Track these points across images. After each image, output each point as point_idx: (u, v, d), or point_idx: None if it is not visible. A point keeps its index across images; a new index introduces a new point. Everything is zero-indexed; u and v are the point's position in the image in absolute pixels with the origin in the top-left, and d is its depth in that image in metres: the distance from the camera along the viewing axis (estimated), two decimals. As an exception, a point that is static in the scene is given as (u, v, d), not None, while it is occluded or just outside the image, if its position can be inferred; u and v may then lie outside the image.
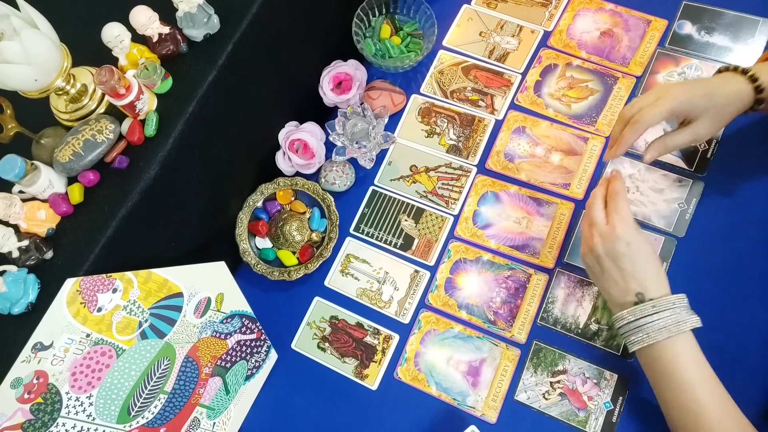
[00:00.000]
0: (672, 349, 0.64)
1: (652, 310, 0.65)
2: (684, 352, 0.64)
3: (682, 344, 0.65)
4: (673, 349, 0.64)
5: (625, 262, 0.67)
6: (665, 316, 0.65)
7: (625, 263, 0.67)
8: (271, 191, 0.91)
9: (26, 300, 0.65)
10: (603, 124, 0.88)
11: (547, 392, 0.76)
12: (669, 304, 0.65)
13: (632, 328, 0.66)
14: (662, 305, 0.65)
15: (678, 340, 0.64)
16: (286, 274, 0.86)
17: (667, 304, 0.65)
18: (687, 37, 0.91)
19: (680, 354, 0.64)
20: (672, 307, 0.65)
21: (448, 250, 0.85)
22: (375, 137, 0.90)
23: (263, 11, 0.78)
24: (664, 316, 0.65)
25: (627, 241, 0.67)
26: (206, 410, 0.76)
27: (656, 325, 0.65)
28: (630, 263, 0.67)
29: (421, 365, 0.80)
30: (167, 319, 0.70)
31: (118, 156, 0.71)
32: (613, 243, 0.68)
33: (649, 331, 0.65)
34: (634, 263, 0.67)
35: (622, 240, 0.67)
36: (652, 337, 0.65)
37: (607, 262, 0.69)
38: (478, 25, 0.98)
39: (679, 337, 0.64)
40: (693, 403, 0.63)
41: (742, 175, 0.81)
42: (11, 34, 0.62)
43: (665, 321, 0.64)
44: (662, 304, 0.65)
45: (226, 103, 0.77)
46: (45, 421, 0.62)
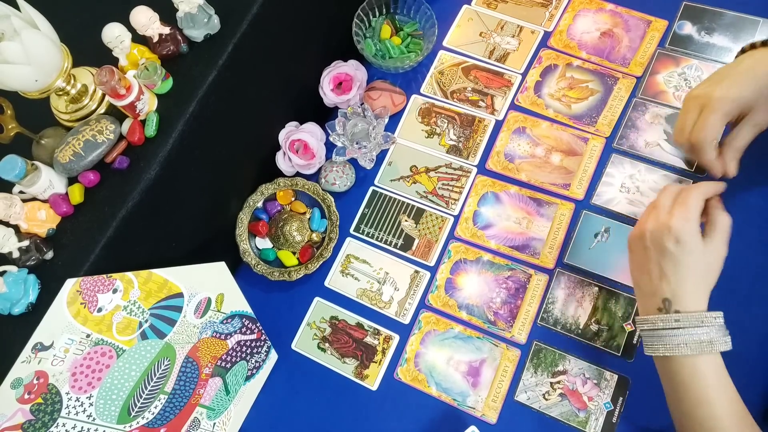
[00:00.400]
0: (692, 368, 0.60)
1: (675, 324, 0.60)
2: (705, 372, 0.59)
3: (705, 364, 0.59)
4: (693, 367, 0.60)
5: (666, 261, 0.61)
6: (689, 333, 0.59)
7: (666, 261, 0.61)
8: (271, 191, 0.91)
9: (26, 300, 0.65)
10: (603, 124, 0.88)
11: (547, 393, 0.76)
12: (696, 321, 0.60)
13: (651, 336, 0.62)
14: (687, 321, 0.60)
15: (700, 360, 0.59)
16: (286, 274, 0.86)
17: (693, 321, 0.60)
18: (687, 37, 0.91)
19: (700, 373, 0.59)
20: (699, 325, 0.59)
21: (448, 251, 0.85)
22: (375, 137, 0.90)
23: (263, 11, 0.78)
24: (688, 332, 0.59)
25: (677, 238, 0.61)
26: (206, 410, 0.76)
27: (676, 339, 0.60)
28: (671, 264, 0.61)
29: (421, 366, 0.80)
30: (167, 319, 0.70)
31: (119, 156, 0.71)
32: (663, 235, 0.61)
33: (668, 344, 0.60)
34: (676, 265, 0.61)
35: (672, 235, 0.61)
36: (671, 350, 0.60)
37: (651, 253, 0.62)
38: (479, 25, 0.98)
39: (703, 356, 0.59)
40: (709, 419, 0.59)
41: (742, 175, 0.81)
42: (11, 35, 0.62)
43: (687, 338, 0.59)
44: (688, 319, 0.60)
45: (227, 103, 0.77)
46: (45, 421, 0.62)
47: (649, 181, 0.83)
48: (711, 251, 0.62)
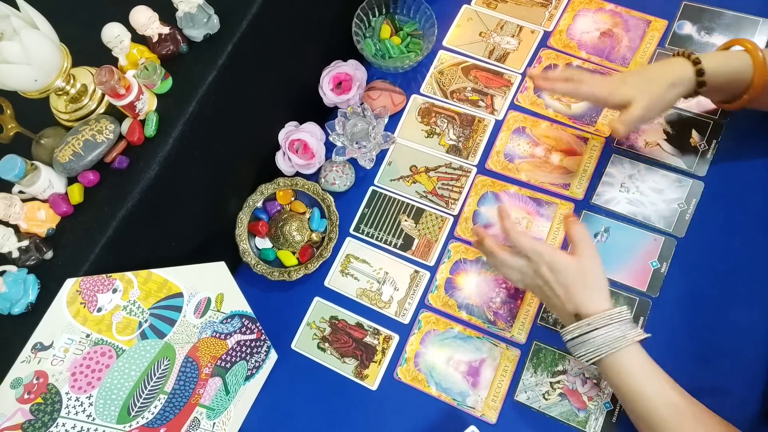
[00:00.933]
0: (616, 365, 0.65)
1: (587, 327, 0.66)
2: (629, 365, 0.64)
3: (627, 358, 0.64)
4: (617, 365, 0.65)
5: (555, 286, 0.68)
6: (603, 332, 0.65)
7: (556, 287, 0.68)
8: (271, 191, 0.91)
9: (26, 300, 0.65)
10: (603, 124, 0.88)
11: (547, 392, 0.76)
12: (604, 320, 0.65)
13: (575, 344, 0.67)
14: (597, 322, 0.65)
15: (621, 355, 0.64)
16: (286, 274, 0.86)
17: (602, 320, 0.65)
18: (687, 37, 0.91)
19: (625, 367, 0.64)
20: (609, 323, 0.65)
21: (448, 251, 0.85)
22: (375, 137, 0.90)
23: (263, 11, 0.78)
24: (601, 332, 0.65)
25: (548, 267, 0.68)
26: (206, 410, 0.76)
27: (595, 342, 0.65)
28: (560, 286, 0.68)
29: (421, 365, 0.80)
30: (167, 319, 0.70)
31: (118, 156, 0.71)
32: (540, 272, 0.69)
33: (589, 347, 0.66)
34: (564, 285, 0.68)
35: (543, 267, 0.68)
36: (594, 352, 0.65)
37: (545, 288, 0.69)
38: (478, 25, 0.98)
39: (623, 351, 0.64)
40: (647, 412, 0.63)
41: (742, 175, 0.81)
42: (11, 34, 0.62)
43: (603, 338, 0.65)
44: (596, 320, 0.65)
45: (226, 103, 0.77)
46: (45, 421, 0.62)
47: (649, 181, 0.83)
48: (583, 260, 0.68)
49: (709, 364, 0.73)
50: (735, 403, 0.65)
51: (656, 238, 0.80)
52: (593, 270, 0.68)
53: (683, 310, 0.76)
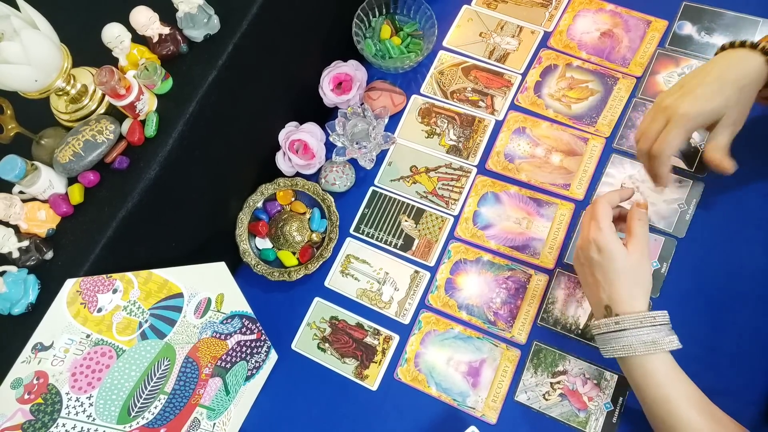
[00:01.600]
0: (642, 368, 0.63)
1: (616, 326, 0.64)
2: (654, 372, 0.62)
3: (652, 364, 0.63)
4: (642, 368, 0.63)
5: (596, 270, 0.67)
6: (632, 334, 0.63)
7: (597, 271, 0.67)
8: (271, 192, 0.91)
9: (26, 300, 0.65)
10: (603, 124, 0.88)
11: (548, 393, 0.76)
12: (635, 323, 0.63)
13: (602, 339, 0.67)
14: (627, 322, 0.63)
15: (648, 360, 0.63)
16: (286, 274, 0.86)
17: (633, 322, 0.63)
18: (687, 37, 0.91)
19: (650, 373, 0.63)
20: (639, 326, 0.63)
21: (448, 251, 0.85)
22: (375, 138, 0.90)
23: (263, 11, 0.78)
24: (630, 334, 0.63)
25: (598, 247, 0.66)
26: (206, 411, 0.76)
27: (622, 342, 0.64)
28: (601, 272, 0.66)
29: (421, 366, 0.80)
30: (167, 319, 0.70)
31: (119, 156, 0.71)
32: (587, 248, 0.67)
33: (615, 345, 0.64)
34: (605, 272, 0.66)
35: (593, 245, 0.66)
36: (619, 351, 0.64)
37: (585, 267, 0.69)
38: (478, 25, 0.98)
39: (651, 356, 0.63)
40: (668, 416, 0.62)
41: (742, 175, 0.81)
42: (11, 35, 0.62)
43: (632, 339, 0.63)
44: (626, 320, 0.64)
45: (226, 103, 0.77)
46: (45, 421, 0.62)
47: (649, 181, 0.83)
48: (633, 256, 0.65)
49: (709, 364, 0.73)
50: (736, 403, 0.65)
51: (656, 238, 0.80)
52: (641, 268, 0.66)
53: (683, 310, 0.76)
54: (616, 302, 0.65)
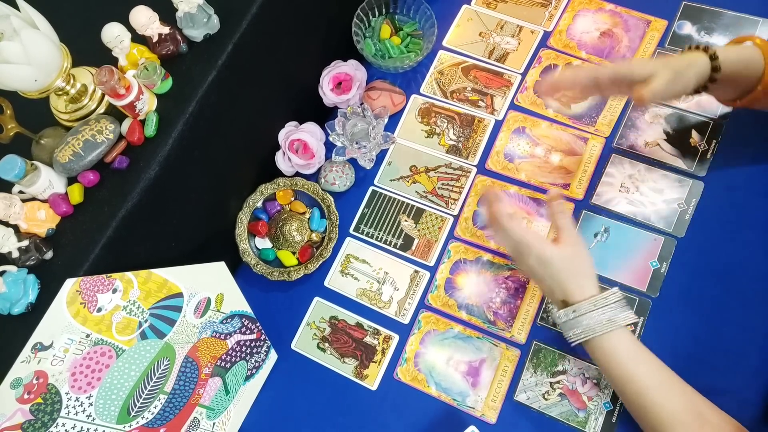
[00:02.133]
0: (602, 348, 0.67)
1: (573, 315, 0.68)
2: (615, 349, 0.66)
3: (611, 342, 0.66)
4: (603, 348, 0.67)
5: (542, 275, 0.70)
6: (589, 317, 0.67)
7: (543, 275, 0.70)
8: (270, 191, 0.91)
9: (26, 300, 0.65)
10: (603, 124, 0.88)
11: (547, 392, 0.76)
12: (589, 306, 0.67)
13: (564, 327, 0.70)
14: (582, 309, 0.67)
15: (607, 338, 0.66)
16: (285, 274, 0.86)
17: (586, 307, 0.67)
18: (687, 37, 0.91)
19: (611, 351, 0.66)
20: (593, 308, 0.67)
21: (447, 251, 0.85)
22: (375, 137, 0.90)
23: (263, 11, 0.78)
24: (587, 317, 0.67)
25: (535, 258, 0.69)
26: (206, 410, 0.76)
27: (583, 324, 0.67)
28: (547, 275, 0.69)
29: (420, 365, 0.80)
30: (167, 319, 0.70)
31: (118, 156, 0.71)
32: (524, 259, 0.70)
33: (576, 329, 0.68)
34: (551, 275, 0.69)
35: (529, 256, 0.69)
36: (580, 335, 0.67)
37: (533, 275, 0.72)
38: (478, 25, 0.98)
39: (610, 334, 0.66)
40: (636, 394, 0.65)
41: (742, 175, 0.81)
42: (11, 34, 0.62)
43: (589, 321, 0.66)
44: (582, 308, 0.67)
45: (226, 103, 0.77)
46: (45, 421, 0.62)
47: (649, 181, 0.83)
48: (568, 249, 0.69)
49: (709, 364, 0.73)
50: (735, 403, 0.65)
51: (656, 238, 0.80)
52: (579, 257, 0.70)
53: (683, 310, 0.76)
54: (569, 295, 0.68)
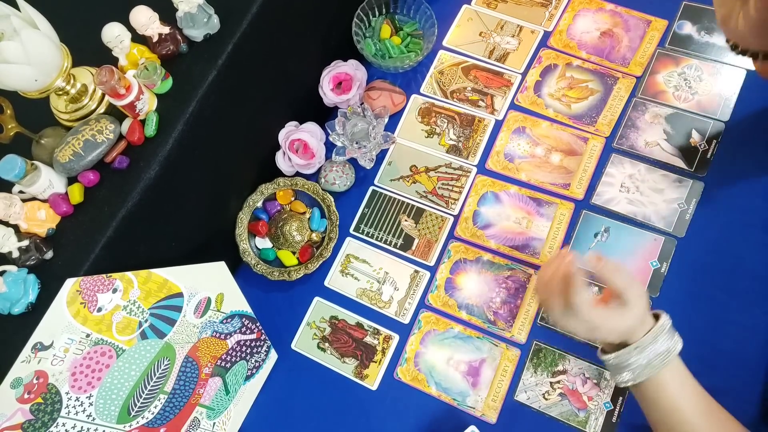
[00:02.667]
0: (656, 384, 0.62)
1: (636, 352, 0.62)
2: (668, 383, 0.62)
3: (664, 376, 0.62)
4: (656, 383, 0.62)
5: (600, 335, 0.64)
6: (649, 351, 0.62)
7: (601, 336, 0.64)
8: (271, 191, 0.91)
9: (26, 300, 0.65)
10: (603, 124, 0.88)
11: (547, 392, 0.76)
12: (651, 339, 0.62)
13: (618, 369, 0.64)
14: (646, 342, 0.62)
15: (661, 373, 0.62)
16: (286, 274, 0.86)
17: (649, 340, 0.62)
18: (687, 37, 0.91)
19: (663, 385, 0.62)
20: (654, 341, 0.62)
21: (448, 251, 0.85)
22: (375, 137, 0.90)
23: (263, 11, 0.78)
24: (648, 351, 0.62)
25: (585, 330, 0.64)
26: (206, 410, 0.76)
27: (639, 363, 0.62)
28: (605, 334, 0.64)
29: (421, 365, 0.80)
30: (167, 319, 0.70)
31: (118, 156, 0.71)
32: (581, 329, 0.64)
33: (634, 370, 0.62)
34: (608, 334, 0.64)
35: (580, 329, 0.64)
36: (637, 377, 0.62)
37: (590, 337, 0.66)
38: (478, 25, 0.98)
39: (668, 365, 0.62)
40: (680, 424, 0.62)
41: (742, 175, 0.81)
42: (11, 34, 0.62)
43: (648, 357, 0.62)
44: (646, 341, 0.62)
45: (226, 103, 0.77)
46: (45, 421, 0.62)
47: (649, 181, 0.83)
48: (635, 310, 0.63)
49: (709, 364, 0.72)
50: (735, 403, 0.65)
51: (656, 238, 0.80)
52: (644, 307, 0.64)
53: (683, 310, 0.76)
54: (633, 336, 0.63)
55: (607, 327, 0.63)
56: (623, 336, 0.63)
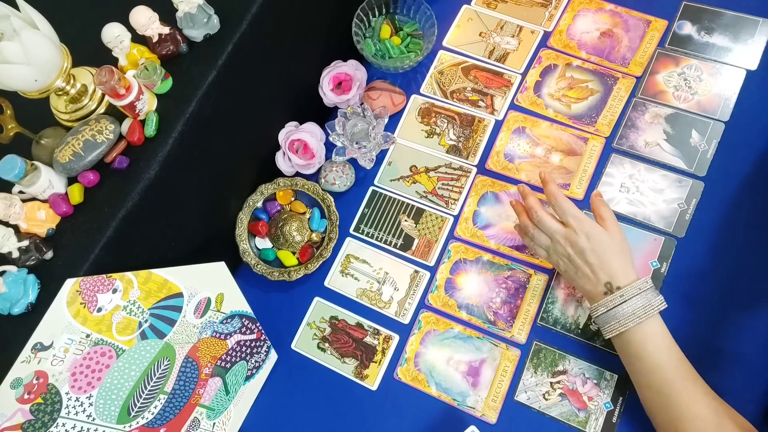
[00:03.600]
0: (641, 333, 0.67)
1: (621, 299, 0.68)
2: (653, 335, 0.67)
3: (651, 327, 0.67)
4: (642, 332, 0.67)
5: (590, 256, 0.70)
6: (633, 302, 0.68)
7: (590, 257, 0.70)
8: (271, 191, 0.91)
9: (26, 300, 0.65)
10: (603, 124, 0.88)
11: (547, 393, 0.76)
12: (636, 291, 0.68)
13: (606, 319, 0.69)
14: (630, 292, 0.68)
15: (646, 324, 0.67)
16: (286, 274, 0.86)
17: (633, 290, 0.68)
18: (687, 37, 0.91)
19: (649, 337, 0.67)
20: (639, 293, 0.68)
21: (448, 251, 0.85)
22: (375, 137, 0.90)
23: (263, 11, 0.78)
24: (632, 303, 0.68)
25: (586, 236, 0.71)
26: (206, 410, 0.76)
27: (626, 311, 0.68)
28: (595, 256, 0.70)
29: (421, 365, 0.80)
30: (167, 319, 0.70)
31: (118, 156, 0.71)
32: (576, 241, 0.71)
33: (620, 318, 0.68)
34: (599, 255, 0.70)
35: (581, 235, 0.71)
36: (623, 323, 0.68)
37: (577, 260, 0.72)
38: (478, 25, 0.98)
39: (648, 321, 0.67)
40: (663, 383, 0.66)
41: (742, 175, 0.81)
42: (11, 35, 0.62)
43: (633, 307, 0.67)
44: (630, 291, 0.68)
45: (226, 103, 0.77)
46: (45, 421, 0.62)
47: (649, 181, 0.83)
48: (613, 233, 0.71)
49: (709, 364, 0.72)
50: (735, 403, 0.65)
51: (656, 238, 0.80)
52: (624, 244, 0.72)
53: (683, 310, 0.76)
54: (616, 277, 0.69)
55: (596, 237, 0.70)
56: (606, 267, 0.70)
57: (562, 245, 0.73)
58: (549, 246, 0.75)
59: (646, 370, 0.67)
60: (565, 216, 0.73)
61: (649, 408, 0.68)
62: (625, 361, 0.70)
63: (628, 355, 0.69)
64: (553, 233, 0.74)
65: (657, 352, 0.67)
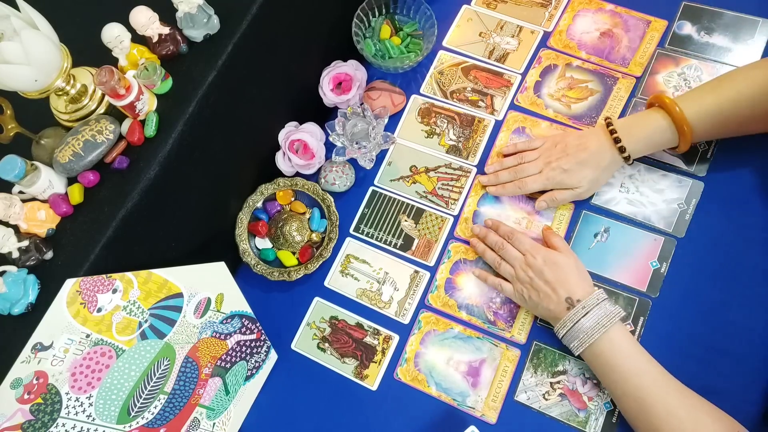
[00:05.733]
0: (609, 342, 0.69)
1: (583, 311, 0.71)
2: (619, 341, 0.69)
3: (616, 334, 0.69)
4: (609, 341, 0.69)
5: (547, 274, 0.74)
6: (595, 313, 0.70)
7: (548, 275, 0.74)
8: (271, 192, 0.91)
9: (26, 300, 0.65)
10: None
11: (547, 393, 0.76)
12: (595, 301, 0.71)
13: (574, 334, 0.71)
14: (590, 303, 0.71)
15: (612, 332, 0.69)
16: (286, 274, 0.86)
17: (593, 300, 0.71)
18: (687, 37, 0.91)
19: (616, 344, 0.69)
20: (597, 303, 0.71)
21: (448, 251, 0.85)
22: (375, 138, 0.90)
23: (263, 11, 0.78)
24: (594, 313, 0.70)
25: (542, 258, 0.76)
26: (206, 411, 0.76)
27: (590, 323, 0.70)
28: (552, 274, 0.74)
29: (421, 366, 0.80)
30: (167, 319, 0.70)
31: (118, 156, 0.71)
32: (533, 263, 0.76)
33: (587, 330, 0.70)
34: (555, 273, 0.74)
35: (538, 258, 0.76)
36: (590, 335, 0.70)
37: (537, 281, 0.75)
38: (478, 25, 0.98)
39: (612, 328, 0.69)
40: (637, 389, 0.67)
41: (742, 175, 0.81)
42: (11, 35, 0.62)
43: (596, 317, 0.70)
44: (590, 302, 0.71)
45: (226, 103, 0.77)
46: (45, 421, 0.62)
47: (649, 181, 0.83)
48: (566, 255, 0.77)
49: (709, 364, 0.73)
50: (735, 403, 0.65)
51: (656, 238, 0.80)
52: (578, 262, 0.76)
53: (683, 310, 0.76)
54: (574, 291, 0.72)
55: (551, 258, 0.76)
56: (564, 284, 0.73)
57: (523, 271, 0.77)
58: (513, 275, 0.78)
59: (619, 379, 0.68)
60: (522, 246, 0.79)
61: (630, 418, 0.69)
62: (599, 373, 0.71)
63: (601, 366, 0.70)
64: (513, 260, 0.79)
65: (627, 358, 0.68)
